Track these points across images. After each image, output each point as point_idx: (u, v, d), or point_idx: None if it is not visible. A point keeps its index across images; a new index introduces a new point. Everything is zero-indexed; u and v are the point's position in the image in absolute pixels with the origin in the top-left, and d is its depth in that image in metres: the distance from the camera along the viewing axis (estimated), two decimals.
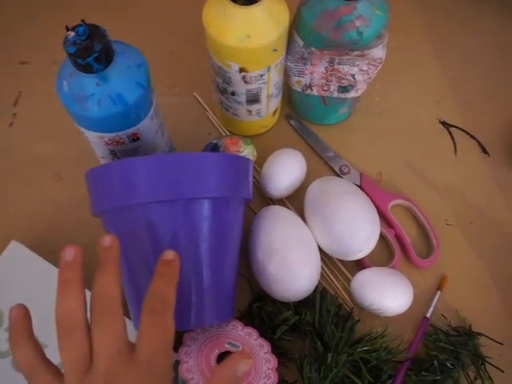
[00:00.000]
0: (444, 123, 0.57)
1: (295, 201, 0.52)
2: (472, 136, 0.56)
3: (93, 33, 0.36)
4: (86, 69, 0.37)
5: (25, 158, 0.55)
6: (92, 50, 0.36)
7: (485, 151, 0.56)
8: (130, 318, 0.43)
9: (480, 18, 0.64)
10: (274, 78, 0.48)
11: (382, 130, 0.57)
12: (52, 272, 0.46)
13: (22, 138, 0.57)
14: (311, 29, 0.44)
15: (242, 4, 0.40)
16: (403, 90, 0.59)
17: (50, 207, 0.53)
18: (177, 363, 0.43)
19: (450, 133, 0.57)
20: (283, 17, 0.43)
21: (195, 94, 0.58)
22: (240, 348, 0.42)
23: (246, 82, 0.46)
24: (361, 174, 0.54)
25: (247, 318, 0.47)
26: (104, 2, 0.65)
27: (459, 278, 0.50)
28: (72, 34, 0.36)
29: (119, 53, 0.39)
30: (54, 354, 0.43)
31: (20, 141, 0.57)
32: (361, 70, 0.49)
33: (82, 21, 0.37)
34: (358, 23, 0.43)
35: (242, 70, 0.45)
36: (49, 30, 0.61)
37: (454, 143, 0.56)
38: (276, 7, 0.42)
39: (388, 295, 0.45)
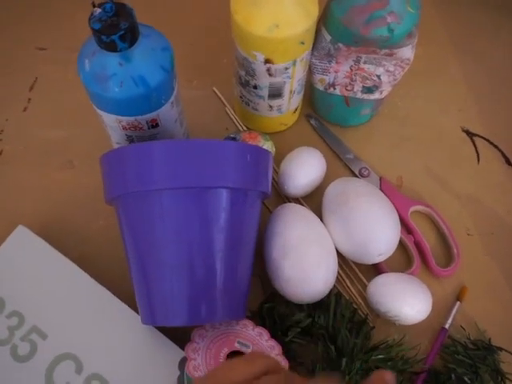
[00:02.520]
0: (467, 132, 0.56)
1: (312, 201, 0.51)
2: (495, 146, 0.55)
3: (119, 10, 0.35)
4: (110, 47, 0.36)
5: (37, 144, 0.54)
6: (118, 28, 0.35)
7: (509, 162, 0.54)
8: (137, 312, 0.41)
9: (503, 29, 0.63)
10: (299, 72, 0.47)
11: (403, 135, 0.56)
12: (58, 259, 0.45)
13: (35, 124, 0.55)
14: (340, 23, 0.43)
15: None
16: (426, 97, 0.58)
17: (60, 194, 0.51)
18: (183, 360, 0.41)
19: (473, 142, 0.55)
20: (313, 8, 0.42)
21: (214, 88, 0.57)
22: (250, 348, 0.41)
23: (270, 75, 0.45)
24: (381, 177, 0.52)
25: (258, 318, 0.45)
26: None
27: (479, 290, 0.48)
28: (98, 10, 0.35)
29: (145, 35, 0.38)
30: (53, 345, 0.42)
31: (33, 126, 0.55)
32: (387, 71, 0.48)
33: None
34: (389, 19, 0.42)
35: (267, 61, 0.43)
36: (67, 17, 0.61)
37: (477, 152, 0.55)
38: None
39: (406, 302, 0.43)
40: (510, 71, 0.60)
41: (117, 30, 0.35)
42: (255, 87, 0.47)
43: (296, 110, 0.53)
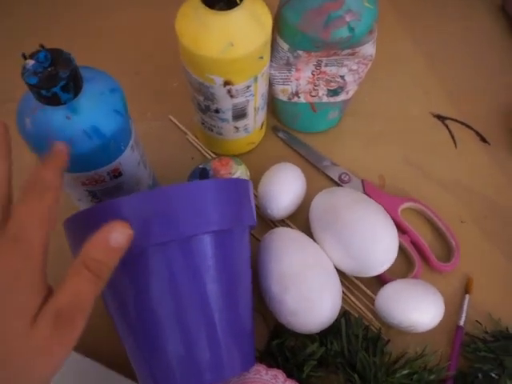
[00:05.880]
0: (439, 116, 0.54)
1: (298, 219, 0.48)
2: (468, 126, 0.54)
3: (56, 58, 0.31)
4: (53, 101, 0.31)
5: None
6: (58, 78, 0.30)
7: (484, 140, 0.53)
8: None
9: (450, 4, 0.63)
10: (261, 88, 0.43)
11: (375, 131, 0.54)
12: None
13: None
14: (296, 30, 0.40)
15: (220, 9, 0.36)
16: (391, 88, 0.56)
17: None
18: None
19: (447, 126, 0.54)
20: (266, 19, 0.39)
21: (171, 116, 0.53)
22: None
23: (231, 97, 0.42)
24: (362, 180, 0.50)
25: (268, 358, 0.41)
26: (47, 22, 0.59)
27: (484, 277, 0.46)
28: (31, 62, 0.31)
29: (87, 79, 0.33)
30: None
31: None
32: (350, 70, 0.46)
33: (41, 46, 0.31)
34: (348, 18, 0.39)
35: (226, 83, 0.40)
36: None
37: (452, 136, 0.53)
38: (258, 9, 0.38)
39: (419, 309, 0.41)
40: (467, 46, 0.59)
41: (57, 81, 0.30)
42: (217, 111, 0.44)
43: (262, 125, 0.50)
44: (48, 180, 0.28)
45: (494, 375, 0.41)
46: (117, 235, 0.27)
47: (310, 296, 0.39)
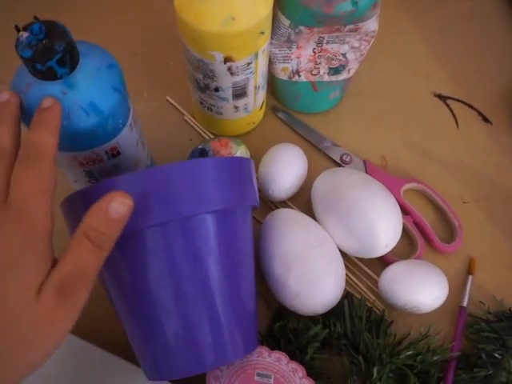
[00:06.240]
0: (440, 96, 0.53)
1: (300, 201, 0.47)
2: (470, 106, 0.53)
3: (51, 30, 0.29)
4: (48, 75, 0.30)
5: None
6: (53, 51, 0.29)
7: (486, 120, 0.52)
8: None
9: None
10: (262, 66, 0.42)
11: (377, 111, 0.53)
12: None
13: None
14: (299, 4, 0.39)
15: None
16: (391, 68, 0.55)
17: None
18: None
19: (448, 105, 0.53)
20: None
21: (168, 97, 0.52)
22: (272, 378, 0.37)
23: (232, 74, 0.40)
24: (364, 161, 0.49)
25: (271, 341, 0.41)
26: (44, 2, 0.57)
27: (487, 258, 0.46)
28: (25, 34, 0.29)
29: (84, 54, 0.32)
30: None
31: None
32: (352, 48, 0.45)
33: (35, 18, 0.30)
34: None
35: (227, 59, 0.39)
36: None
37: (454, 116, 0.52)
38: None
39: (423, 290, 0.40)
40: (466, 24, 0.58)
41: (53, 55, 0.29)
42: (217, 90, 0.43)
43: (262, 105, 0.49)
44: (41, 144, 0.27)
45: (497, 355, 0.41)
46: (116, 205, 0.27)
47: (312, 277, 0.39)
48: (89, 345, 0.38)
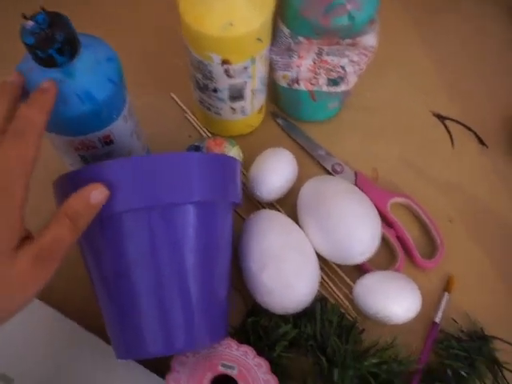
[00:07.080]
0: (438, 116, 0.54)
1: (286, 204, 0.48)
2: (468, 127, 0.54)
3: (54, 21, 0.32)
4: (48, 62, 0.32)
5: None
6: (54, 40, 0.31)
7: (482, 142, 0.53)
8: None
9: (461, 3, 0.62)
10: (260, 71, 0.44)
11: (374, 125, 0.54)
12: None
13: None
14: (298, 14, 0.41)
15: None
16: (393, 84, 0.56)
17: None
18: None
19: (445, 125, 0.54)
20: (267, 2, 0.39)
21: (172, 94, 0.54)
22: (235, 370, 0.38)
23: (229, 76, 0.42)
24: (355, 172, 0.50)
25: (242, 335, 0.42)
26: None
27: (467, 278, 0.46)
28: (30, 23, 0.32)
29: (86, 45, 0.34)
30: None
31: None
32: (351, 61, 0.46)
33: (42, 8, 0.32)
34: (349, 7, 0.39)
35: (224, 62, 0.41)
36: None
37: (451, 136, 0.53)
38: None
39: (395, 301, 0.41)
40: (472, 48, 0.59)
41: (53, 43, 0.31)
42: (215, 90, 0.45)
43: (261, 109, 0.51)
44: (30, 119, 0.30)
45: (463, 373, 0.41)
46: (96, 193, 0.31)
47: (286, 276, 0.40)
48: (63, 317, 0.40)
